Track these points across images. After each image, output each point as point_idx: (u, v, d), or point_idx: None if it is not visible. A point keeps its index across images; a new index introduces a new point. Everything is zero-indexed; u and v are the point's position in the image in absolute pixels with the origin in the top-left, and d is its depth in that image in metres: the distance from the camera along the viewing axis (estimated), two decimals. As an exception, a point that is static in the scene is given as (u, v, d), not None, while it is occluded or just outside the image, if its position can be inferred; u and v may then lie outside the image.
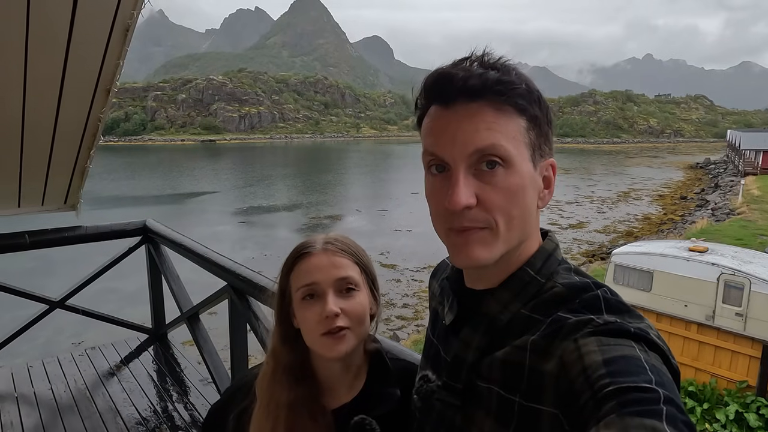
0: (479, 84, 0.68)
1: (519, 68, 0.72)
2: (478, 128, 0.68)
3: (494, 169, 0.69)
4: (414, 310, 15.45)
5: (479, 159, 0.69)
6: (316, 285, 0.96)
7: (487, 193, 0.69)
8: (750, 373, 8.49)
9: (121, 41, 2.09)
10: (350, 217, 31.02)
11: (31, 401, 3.26)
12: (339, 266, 0.97)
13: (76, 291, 3.83)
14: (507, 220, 0.70)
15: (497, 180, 0.69)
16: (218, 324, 4.58)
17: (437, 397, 0.81)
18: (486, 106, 0.68)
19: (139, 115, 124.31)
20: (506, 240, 0.71)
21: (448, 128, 0.70)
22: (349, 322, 0.95)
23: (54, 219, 3.63)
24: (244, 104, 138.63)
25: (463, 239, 0.71)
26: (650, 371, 0.55)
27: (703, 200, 33.22)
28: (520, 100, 0.69)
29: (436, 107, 0.73)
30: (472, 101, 0.68)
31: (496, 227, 0.70)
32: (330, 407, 1.00)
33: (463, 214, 0.69)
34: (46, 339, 11.31)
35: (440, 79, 0.71)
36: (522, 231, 0.72)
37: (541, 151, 0.73)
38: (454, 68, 0.70)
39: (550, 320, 0.68)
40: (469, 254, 0.71)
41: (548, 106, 0.74)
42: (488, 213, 0.69)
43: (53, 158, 2.95)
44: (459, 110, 0.69)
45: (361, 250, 1.04)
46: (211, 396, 3.33)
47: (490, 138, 0.68)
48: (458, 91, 0.69)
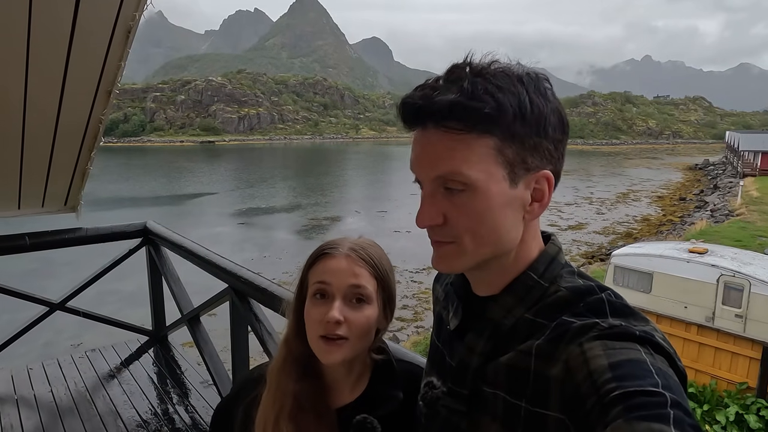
0: (435, 111, 0.67)
1: (506, 75, 0.68)
2: (439, 155, 0.69)
3: (459, 192, 0.70)
4: (413, 311, 15.43)
5: (442, 183, 0.71)
6: (328, 286, 0.96)
7: (453, 212, 0.71)
8: (750, 375, 8.48)
9: (122, 43, 2.09)
10: (349, 219, 31.00)
11: (31, 403, 3.26)
12: (355, 275, 0.96)
13: (76, 293, 3.82)
14: (473, 238, 0.71)
15: (462, 202, 0.70)
16: (218, 325, 4.57)
17: (442, 404, 0.81)
18: (446, 132, 0.68)
19: (138, 117, 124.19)
20: (474, 254, 0.72)
21: (417, 150, 0.72)
22: (349, 332, 0.94)
23: (54, 221, 3.63)
24: (243, 105, 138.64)
25: (436, 250, 0.75)
26: (656, 374, 0.55)
27: (702, 201, 33.24)
28: (484, 121, 0.66)
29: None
30: (438, 125, 0.68)
31: (462, 243, 0.72)
32: (334, 406, 1.01)
33: (432, 230, 0.73)
34: (45, 341, 11.29)
35: (403, 107, 0.71)
36: (496, 245, 0.72)
37: (525, 166, 0.70)
38: (417, 92, 0.70)
39: (554, 324, 0.67)
40: (437, 264, 0.75)
41: (542, 116, 0.69)
42: (454, 230, 0.71)
43: (54, 160, 2.95)
44: (425, 134, 0.70)
45: (385, 264, 1.02)
46: (211, 398, 3.32)
47: (449, 165, 0.68)
48: (418, 118, 0.70)
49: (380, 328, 1.03)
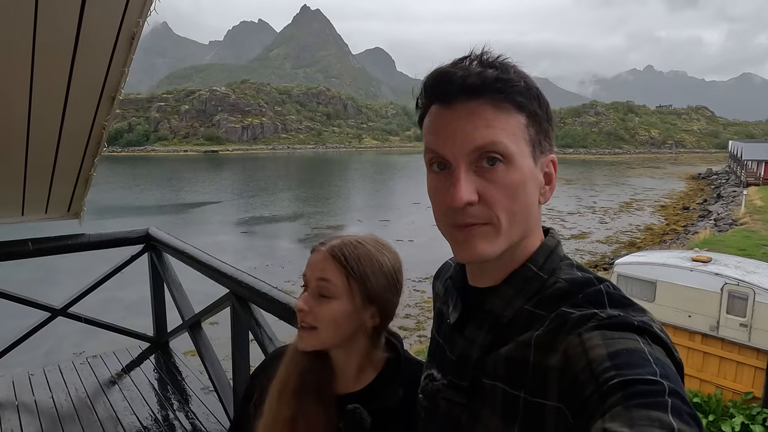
0: (478, 82, 0.69)
1: (518, 67, 0.72)
2: (477, 126, 0.69)
3: (495, 165, 0.69)
4: (416, 320, 15.35)
5: (480, 156, 0.70)
6: (305, 278, 1.04)
7: (489, 189, 0.70)
8: (755, 385, 8.40)
9: (126, 49, 2.11)
10: (352, 228, 31.00)
11: (31, 410, 3.25)
12: (322, 269, 1.02)
13: (78, 299, 3.82)
14: (509, 216, 0.70)
15: (498, 176, 0.70)
16: (220, 334, 4.56)
17: (443, 396, 0.81)
18: (485, 104, 0.69)
19: (143, 126, 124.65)
20: (508, 235, 0.72)
21: (448, 126, 0.71)
22: (317, 322, 1.00)
23: (57, 227, 3.64)
24: (246, 115, 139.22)
25: (466, 235, 0.71)
26: (654, 364, 0.55)
27: (706, 210, 33.15)
28: (519, 97, 0.70)
29: (436, 106, 0.74)
30: (471, 99, 0.69)
31: (498, 223, 0.70)
32: (338, 393, 1.07)
33: (466, 211, 0.70)
34: (47, 349, 11.28)
35: (440, 79, 0.72)
36: (524, 226, 0.73)
37: (541, 148, 0.74)
38: (453, 67, 0.71)
39: (553, 315, 0.68)
40: (471, 249, 0.71)
41: (548, 103, 0.75)
42: (490, 209, 0.70)
43: (57, 166, 2.97)
44: (458, 108, 0.70)
45: (366, 261, 1.02)
46: (212, 404, 3.31)
47: (490, 135, 0.69)
48: (457, 90, 0.70)
49: (374, 324, 1.05)
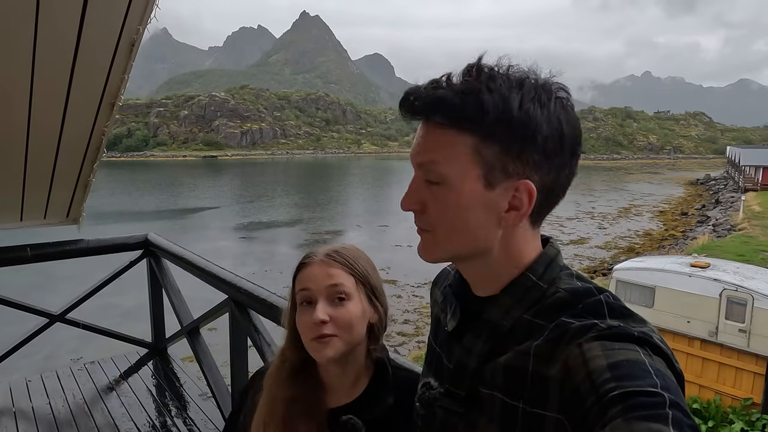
0: (421, 105, 0.71)
1: (505, 77, 0.68)
2: (422, 147, 0.73)
3: (436, 183, 0.72)
4: (415, 326, 15.33)
5: (424, 173, 0.74)
6: (309, 292, 1.03)
7: (430, 202, 0.74)
8: (755, 390, 8.40)
9: (126, 55, 2.11)
10: (351, 233, 30.98)
11: (29, 416, 3.23)
12: (330, 275, 1.03)
13: (76, 305, 3.81)
14: (445, 230, 0.74)
15: (437, 193, 0.73)
16: (218, 340, 4.55)
17: (439, 405, 0.81)
18: (432, 126, 0.71)
19: (142, 132, 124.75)
20: (447, 246, 0.75)
21: (415, 139, 0.76)
22: (336, 329, 1.01)
23: (56, 232, 3.63)
24: (246, 120, 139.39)
25: (419, 237, 0.78)
26: (655, 375, 0.55)
27: (704, 216, 33.22)
28: (462, 118, 0.68)
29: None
30: (425, 120, 0.73)
31: (436, 233, 0.75)
32: (331, 407, 1.07)
33: (416, 217, 0.77)
34: (45, 354, 11.23)
35: (401, 99, 0.75)
36: (467, 241, 0.74)
37: (505, 171, 0.69)
38: (419, 87, 0.73)
39: (553, 325, 0.67)
40: (418, 251, 0.79)
41: (530, 123, 0.67)
42: (431, 219, 0.75)
43: (56, 172, 2.97)
44: (421, 126, 0.74)
45: (362, 261, 1.09)
46: (210, 411, 3.29)
47: (428, 156, 0.72)
48: (411, 111, 0.73)
49: (372, 321, 1.08)
